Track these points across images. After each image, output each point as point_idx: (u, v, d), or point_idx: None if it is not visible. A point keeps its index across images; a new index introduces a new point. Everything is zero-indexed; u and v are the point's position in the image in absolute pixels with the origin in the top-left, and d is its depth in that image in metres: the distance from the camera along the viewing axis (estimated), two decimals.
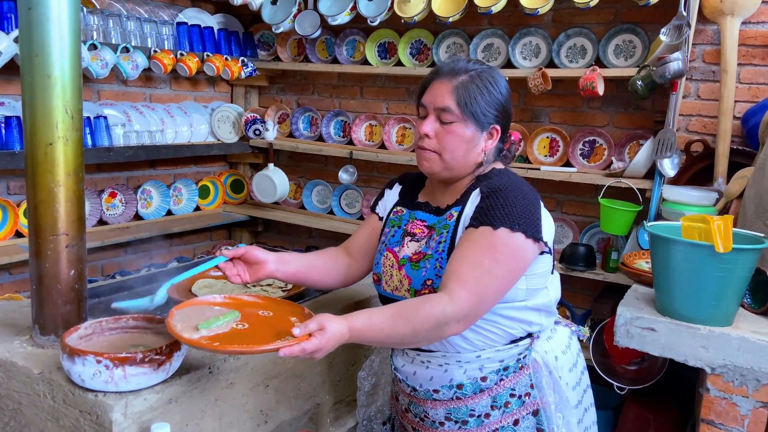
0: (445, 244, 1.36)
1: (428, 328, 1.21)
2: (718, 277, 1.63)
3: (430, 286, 1.34)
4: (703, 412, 1.68)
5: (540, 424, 1.39)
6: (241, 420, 1.48)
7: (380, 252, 1.50)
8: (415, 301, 1.25)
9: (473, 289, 1.23)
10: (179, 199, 3.56)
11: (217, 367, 1.38)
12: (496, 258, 1.25)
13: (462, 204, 1.39)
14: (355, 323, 1.18)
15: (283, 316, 1.32)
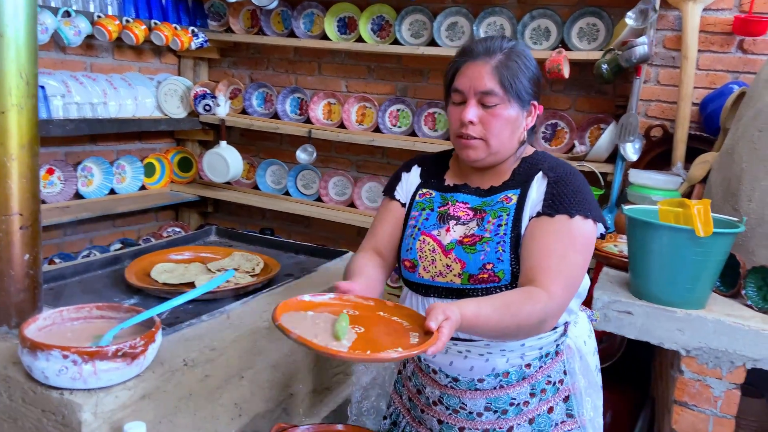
0: (506, 227, 1.30)
1: (531, 325, 1.19)
2: (696, 260, 1.64)
3: (490, 270, 1.27)
4: (676, 394, 1.70)
5: (570, 410, 1.37)
6: (216, 414, 1.38)
7: (413, 237, 1.39)
8: (518, 297, 1.18)
9: (565, 283, 1.22)
10: (123, 177, 3.35)
11: (192, 360, 1.28)
12: (577, 248, 1.24)
13: (520, 187, 1.33)
14: (466, 312, 1.10)
15: (373, 312, 1.20)
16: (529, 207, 1.30)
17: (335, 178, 3.41)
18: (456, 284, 1.30)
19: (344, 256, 2.03)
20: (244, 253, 1.97)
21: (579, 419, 1.37)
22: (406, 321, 1.15)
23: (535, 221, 1.28)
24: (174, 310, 1.54)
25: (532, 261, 1.23)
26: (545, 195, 1.28)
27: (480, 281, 1.27)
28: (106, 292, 1.65)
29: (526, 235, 1.27)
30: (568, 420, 1.37)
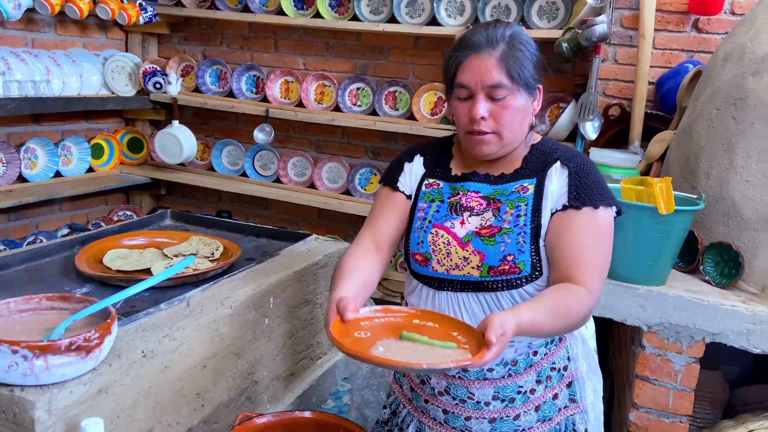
0: (526, 218, 1.27)
1: (577, 324, 1.20)
2: (657, 238, 1.66)
3: (511, 261, 1.24)
4: (638, 369, 1.73)
5: (573, 395, 1.36)
6: (177, 405, 1.33)
7: (424, 230, 1.32)
8: (565, 297, 1.17)
9: (599, 276, 1.23)
10: (69, 158, 3.19)
11: (151, 351, 1.22)
12: (604, 239, 1.25)
13: (535, 176, 1.30)
14: (523, 321, 1.07)
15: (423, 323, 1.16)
16: (550, 198, 1.27)
17: (294, 159, 3.34)
18: (474, 277, 1.26)
19: (307, 239, 1.98)
20: (202, 237, 1.91)
21: (581, 404, 1.37)
22: (454, 330, 1.13)
23: (561, 215, 1.25)
24: (130, 299, 1.47)
25: (567, 259, 1.22)
26: (569, 187, 1.26)
27: (500, 273, 1.24)
28: (56, 281, 1.57)
29: (553, 230, 1.25)
30: (571, 405, 1.36)
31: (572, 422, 1.35)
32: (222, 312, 1.43)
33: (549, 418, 1.33)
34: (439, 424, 1.37)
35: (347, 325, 1.09)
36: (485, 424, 1.33)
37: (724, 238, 1.77)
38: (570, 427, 1.35)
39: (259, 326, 1.60)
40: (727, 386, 2.04)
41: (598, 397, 1.43)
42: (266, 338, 1.64)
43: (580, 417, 1.36)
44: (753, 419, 1.79)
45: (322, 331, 1.93)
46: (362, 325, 1.11)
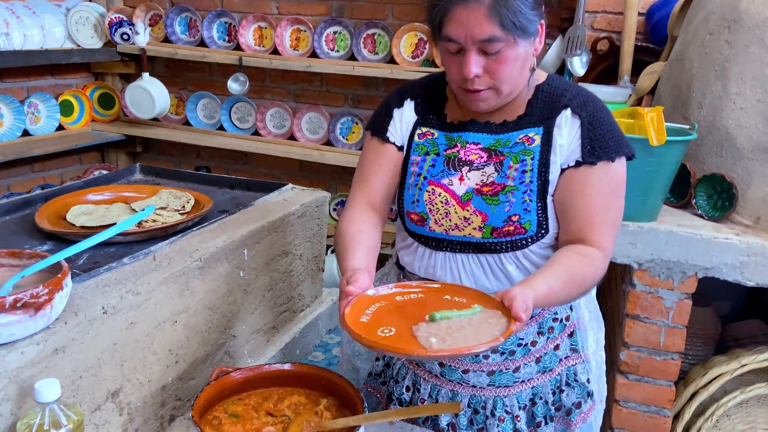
0: (532, 174, 1.16)
1: (591, 287, 1.16)
2: (648, 171, 1.59)
3: (516, 222, 1.15)
4: (628, 308, 1.69)
5: (574, 344, 1.31)
6: (147, 363, 1.26)
7: (419, 187, 1.22)
8: (579, 264, 1.11)
9: (613, 234, 1.18)
10: (37, 117, 3.06)
11: (112, 307, 1.14)
12: (619, 193, 1.18)
13: (542, 125, 1.18)
14: (539, 294, 1.02)
15: (439, 297, 1.10)
16: (559, 152, 1.16)
17: (272, 110, 3.22)
18: (475, 238, 1.18)
19: (282, 188, 1.89)
20: (172, 190, 1.81)
21: (583, 353, 1.33)
22: (468, 299, 1.07)
23: (574, 172, 1.15)
24: (93, 256, 1.39)
25: (581, 219, 1.15)
26: (582, 140, 1.15)
27: (504, 234, 1.16)
28: (14, 240, 1.48)
29: (564, 188, 1.16)
30: (572, 355, 1.31)
31: (574, 372, 1.30)
32: (191, 265, 1.36)
33: (550, 369, 1.29)
34: (435, 377, 1.31)
35: (369, 319, 1.02)
36: (483, 376, 1.27)
37: (717, 170, 1.70)
38: (572, 377, 1.30)
39: (233, 279, 1.53)
40: (719, 322, 2.00)
41: (599, 345, 1.38)
42: (242, 292, 1.57)
43: (581, 366, 1.31)
44: (746, 354, 1.76)
45: (302, 283, 1.87)
46: (380, 308, 1.05)
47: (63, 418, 0.96)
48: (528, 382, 1.28)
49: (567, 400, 1.29)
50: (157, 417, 1.31)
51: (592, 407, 1.31)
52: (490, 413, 1.28)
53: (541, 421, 1.28)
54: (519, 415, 1.28)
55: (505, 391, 1.27)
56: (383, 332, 0.98)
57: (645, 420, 1.73)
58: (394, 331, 0.98)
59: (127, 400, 1.22)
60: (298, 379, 1.38)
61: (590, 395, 1.30)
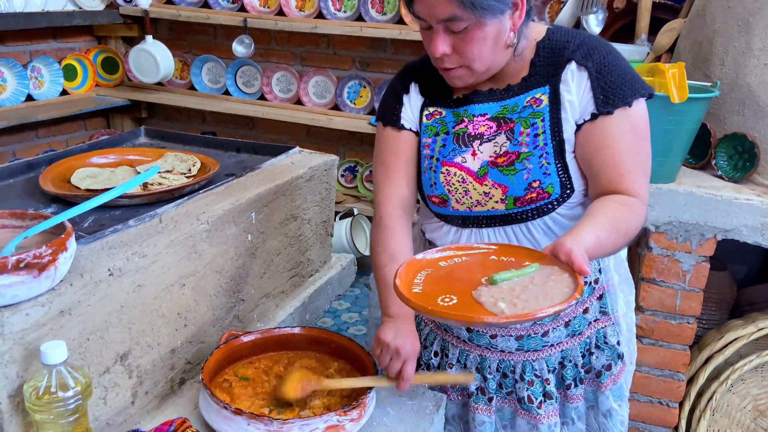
0: (545, 136, 1.12)
1: (633, 238, 1.10)
2: (668, 130, 1.54)
3: (537, 188, 1.12)
4: (644, 271, 1.65)
5: (604, 307, 1.28)
6: (156, 326, 1.24)
7: (433, 170, 1.19)
8: (621, 212, 1.04)
9: (646, 179, 1.13)
10: (40, 81, 3.01)
11: (118, 269, 1.12)
12: (643, 136, 1.12)
13: (547, 83, 1.13)
14: (588, 245, 0.94)
15: (483, 258, 1.02)
16: (570, 108, 1.11)
17: (278, 74, 3.16)
18: (499, 211, 1.15)
19: (290, 152, 1.85)
20: (177, 153, 1.77)
21: (613, 316, 1.30)
22: (517, 258, 1.00)
23: (591, 126, 1.10)
24: (98, 218, 1.36)
25: (609, 172, 1.09)
26: (594, 92, 1.10)
27: (528, 202, 1.13)
28: (19, 203, 1.45)
29: (585, 143, 1.11)
30: (602, 318, 1.29)
31: (603, 335, 1.28)
32: (198, 228, 1.33)
33: (579, 333, 1.26)
34: (462, 342, 1.29)
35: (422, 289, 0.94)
36: (512, 341, 1.25)
37: (739, 129, 1.65)
38: (601, 340, 1.28)
39: (241, 243, 1.50)
40: (734, 286, 1.97)
41: (630, 307, 1.35)
42: (251, 255, 1.55)
43: (611, 329, 1.29)
44: (762, 317, 1.73)
45: (311, 248, 1.84)
46: (427, 276, 0.97)
47: (70, 380, 0.95)
48: (557, 346, 1.25)
49: (597, 363, 1.27)
50: (167, 380, 1.30)
51: (622, 369, 1.29)
52: (519, 377, 1.26)
53: (570, 383, 1.27)
54: (548, 378, 1.26)
55: (534, 355, 1.25)
56: (444, 301, 0.89)
57: (659, 384, 1.72)
58: (456, 300, 0.90)
59: (136, 363, 1.20)
60: (308, 343, 1.37)
61: (620, 357, 1.29)
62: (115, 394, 1.16)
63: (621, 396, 1.30)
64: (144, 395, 1.24)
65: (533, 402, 1.25)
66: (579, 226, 0.99)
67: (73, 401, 0.95)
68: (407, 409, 1.30)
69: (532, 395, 1.25)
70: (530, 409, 1.25)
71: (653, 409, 1.74)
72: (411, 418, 1.27)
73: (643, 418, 1.76)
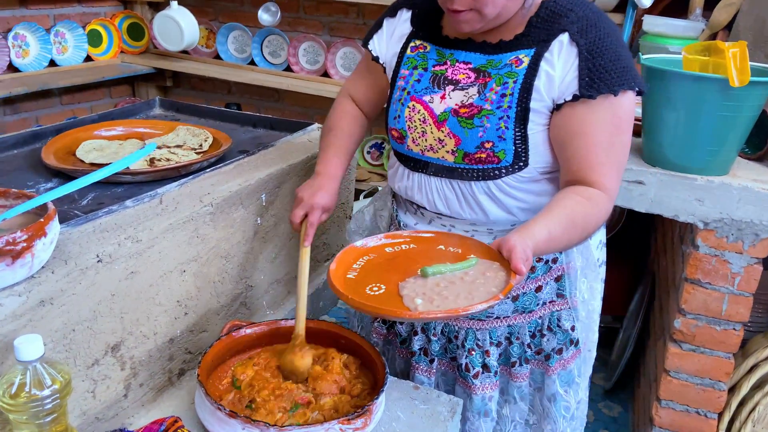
0: (511, 99, 1.07)
1: (593, 233, 1.09)
2: (724, 117, 1.38)
3: (489, 149, 1.08)
4: (688, 271, 1.51)
5: (561, 290, 1.24)
6: (153, 315, 1.16)
7: (401, 102, 1.18)
8: (581, 207, 1.03)
9: (617, 173, 1.08)
10: (64, 46, 2.95)
11: (108, 255, 1.03)
12: (623, 129, 1.06)
13: (535, 46, 1.07)
14: (539, 242, 0.96)
15: (433, 246, 1.05)
16: (545, 80, 1.06)
17: (305, 44, 3.03)
18: (448, 162, 1.14)
19: (308, 128, 1.74)
20: (190, 127, 1.68)
21: (570, 300, 1.26)
22: (464, 250, 1.02)
23: (571, 109, 1.05)
24: (99, 196, 1.28)
25: (581, 160, 1.06)
26: (580, 72, 1.04)
27: (477, 161, 1.10)
28: (18, 176, 1.38)
29: (562, 126, 1.06)
30: (557, 300, 1.26)
31: (557, 318, 1.26)
32: (200, 210, 1.23)
33: (529, 311, 1.24)
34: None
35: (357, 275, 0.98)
36: None
37: None
38: (554, 323, 1.26)
39: (250, 226, 1.41)
40: None
41: (594, 295, 1.30)
42: (260, 239, 1.45)
43: (567, 313, 1.26)
44: None
45: (328, 231, 1.74)
46: (368, 261, 1.00)
47: (47, 379, 0.87)
48: (503, 320, 1.24)
49: (547, 345, 1.26)
50: (164, 371, 1.23)
51: (575, 355, 1.28)
52: (461, 344, 1.27)
53: (516, 361, 1.26)
54: (490, 351, 1.25)
55: (478, 324, 1.25)
56: (372, 290, 0.91)
57: (697, 393, 1.58)
58: (384, 289, 0.91)
59: (130, 354, 1.13)
60: (315, 337, 1.27)
61: (574, 343, 1.27)
62: (105, 387, 1.08)
63: (570, 382, 1.28)
64: (138, 387, 1.17)
65: (470, 371, 1.25)
66: (533, 219, 1.00)
67: (50, 401, 0.87)
68: (419, 413, 1.20)
69: (470, 364, 1.25)
70: (466, 378, 1.26)
71: (689, 418, 1.61)
72: (423, 424, 1.18)
73: (678, 427, 1.63)
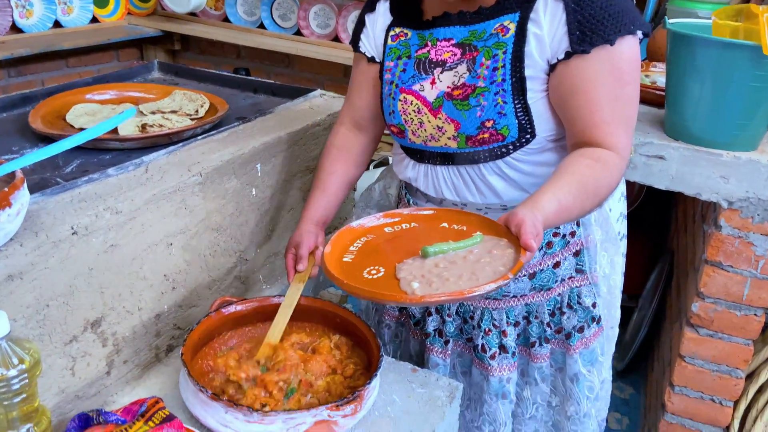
0: (504, 71, 1.00)
1: (608, 195, 1.01)
2: (754, 88, 1.27)
3: (491, 128, 1.02)
4: (709, 253, 1.42)
5: (580, 265, 1.19)
6: (137, 290, 1.11)
7: (392, 96, 1.13)
8: (592, 171, 0.96)
9: (626, 128, 1.01)
10: (69, 7, 2.88)
11: (84, 227, 0.97)
12: (626, 80, 0.98)
13: (519, 9, 1.00)
14: (548, 213, 0.90)
15: (435, 225, 0.99)
16: (536, 43, 0.99)
17: (316, 7, 2.92)
18: (452, 149, 1.09)
19: (309, 95, 1.66)
20: (186, 91, 1.61)
21: (590, 275, 1.20)
22: (469, 227, 0.95)
23: (565, 67, 0.98)
24: (84, 164, 1.22)
25: (584, 119, 0.99)
26: (569, 27, 0.97)
27: (480, 143, 1.05)
28: (4, 141, 1.32)
29: (558, 87, 1.00)
30: (577, 276, 1.20)
31: (577, 294, 1.20)
32: (188, 180, 1.17)
33: (547, 288, 1.19)
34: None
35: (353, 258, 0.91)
36: None
37: None
38: (574, 300, 1.20)
39: (244, 197, 1.34)
40: None
41: (615, 270, 1.23)
42: (256, 211, 1.39)
43: (587, 289, 1.20)
44: None
45: None
46: (366, 243, 0.93)
47: (13, 358, 0.82)
48: (520, 299, 1.20)
49: (567, 323, 1.20)
50: (151, 347, 1.18)
51: (597, 333, 1.23)
52: (477, 324, 1.23)
53: (535, 341, 1.22)
54: (507, 331, 1.20)
55: (494, 303, 1.20)
56: (370, 274, 0.84)
57: (713, 380, 1.51)
58: (383, 272, 0.84)
59: (112, 330, 1.08)
60: (308, 314, 1.22)
61: (595, 320, 1.22)
62: (85, 364, 1.04)
63: (593, 361, 1.23)
64: (122, 364, 1.12)
65: (486, 352, 1.21)
66: (540, 190, 0.93)
67: (18, 381, 0.83)
68: (416, 398, 1.14)
69: (487, 344, 1.21)
70: (483, 359, 1.22)
71: (704, 406, 1.54)
72: (419, 409, 1.12)
73: (691, 414, 1.56)
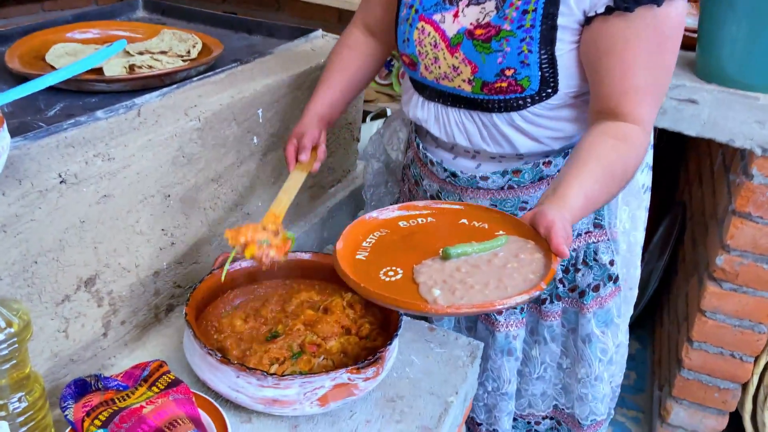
0: (535, 15, 0.91)
1: (633, 175, 0.95)
2: None
3: (510, 77, 0.94)
4: (738, 203, 1.35)
5: (599, 219, 1.12)
6: (133, 245, 1.02)
7: (409, 23, 1.05)
8: (617, 151, 0.89)
9: (655, 105, 0.93)
10: None
11: (73, 175, 0.87)
12: (667, 48, 0.90)
13: None
14: (575, 210, 0.84)
15: (454, 221, 0.90)
16: None
17: None
18: (465, 92, 1.02)
19: (311, 35, 1.54)
20: (176, 31, 1.48)
21: (609, 231, 1.14)
22: (491, 225, 0.88)
23: (603, 23, 0.89)
24: (69, 107, 1.11)
25: (614, 83, 0.91)
26: None
27: (497, 91, 0.98)
28: None
29: (592, 42, 0.92)
30: (594, 231, 1.13)
31: (594, 251, 1.13)
32: (186, 125, 1.06)
33: None
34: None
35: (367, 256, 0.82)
36: None
37: None
38: (591, 256, 1.14)
39: (245, 146, 1.24)
40: None
41: (636, 225, 1.17)
42: (257, 161, 1.29)
43: (605, 246, 1.13)
44: None
45: (333, 154, 1.57)
46: (380, 239, 0.85)
47: (1, 321, 0.73)
48: None
49: (582, 281, 1.14)
50: (150, 307, 1.09)
51: (613, 293, 1.15)
52: None
53: (546, 298, 1.16)
54: None
55: None
56: (388, 276, 0.78)
57: (734, 335, 1.46)
58: (401, 274, 0.78)
59: (107, 289, 0.99)
60: (316, 271, 1.14)
61: (612, 279, 1.14)
62: (79, 325, 0.95)
63: (608, 322, 1.16)
64: (120, 325, 1.03)
65: None
66: (565, 180, 0.86)
67: (7, 346, 0.74)
68: (435, 358, 1.08)
69: None
70: (488, 314, 1.16)
71: (723, 361, 1.50)
72: (439, 370, 1.06)
73: (709, 370, 1.52)
